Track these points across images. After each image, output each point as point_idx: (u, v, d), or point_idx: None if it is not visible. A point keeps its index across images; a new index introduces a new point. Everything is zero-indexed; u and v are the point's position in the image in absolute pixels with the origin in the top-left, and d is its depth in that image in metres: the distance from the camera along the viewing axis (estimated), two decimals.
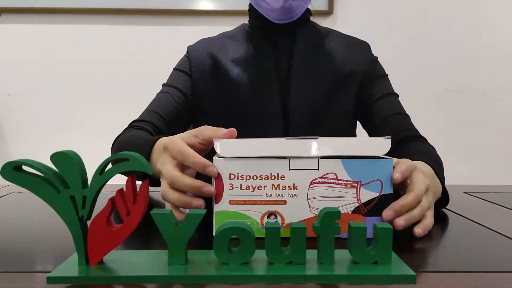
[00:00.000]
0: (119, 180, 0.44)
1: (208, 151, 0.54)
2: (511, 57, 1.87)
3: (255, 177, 0.48)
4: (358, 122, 0.97)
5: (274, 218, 0.49)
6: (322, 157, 0.48)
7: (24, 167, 0.37)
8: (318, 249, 0.39)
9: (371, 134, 0.93)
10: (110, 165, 0.38)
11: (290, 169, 0.48)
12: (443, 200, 0.63)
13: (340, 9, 1.82)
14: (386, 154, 0.50)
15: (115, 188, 0.39)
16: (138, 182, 0.38)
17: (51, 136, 1.80)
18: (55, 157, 0.37)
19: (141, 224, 0.38)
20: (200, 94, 0.89)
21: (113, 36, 1.79)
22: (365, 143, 0.50)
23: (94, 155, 0.63)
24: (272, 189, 0.49)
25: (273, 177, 0.48)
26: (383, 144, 0.49)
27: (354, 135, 0.97)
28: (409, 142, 0.83)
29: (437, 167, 0.66)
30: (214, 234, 0.42)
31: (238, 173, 0.48)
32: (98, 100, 1.81)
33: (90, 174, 0.38)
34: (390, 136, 0.49)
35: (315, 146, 0.48)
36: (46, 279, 0.36)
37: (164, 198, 0.53)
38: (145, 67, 1.77)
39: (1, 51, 1.78)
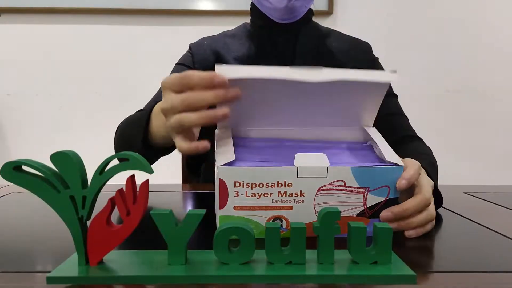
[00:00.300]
0: (119, 180, 0.44)
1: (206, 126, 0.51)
2: (511, 57, 1.87)
3: (261, 185, 0.46)
4: None
5: (279, 222, 0.48)
6: (331, 165, 0.47)
7: (24, 167, 0.37)
8: (318, 249, 0.39)
9: None
10: (110, 165, 0.38)
11: (297, 177, 0.47)
12: (436, 201, 0.63)
13: (340, 9, 1.82)
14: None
15: (115, 188, 0.39)
16: (138, 182, 0.38)
17: (51, 136, 1.80)
18: (55, 157, 0.37)
19: (141, 224, 0.38)
20: None
21: (113, 36, 1.79)
22: (371, 73, 0.50)
23: (94, 155, 0.63)
24: (279, 196, 0.47)
25: (279, 185, 0.47)
26: (388, 75, 0.50)
27: None
28: (407, 143, 0.84)
29: (431, 168, 0.67)
30: None
31: (243, 181, 0.46)
32: (98, 100, 1.81)
33: (90, 174, 0.38)
34: (396, 70, 0.50)
35: (321, 73, 0.49)
36: (46, 279, 0.36)
37: (182, 123, 0.48)
38: (145, 67, 1.77)
39: (1, 51, 1.78)
